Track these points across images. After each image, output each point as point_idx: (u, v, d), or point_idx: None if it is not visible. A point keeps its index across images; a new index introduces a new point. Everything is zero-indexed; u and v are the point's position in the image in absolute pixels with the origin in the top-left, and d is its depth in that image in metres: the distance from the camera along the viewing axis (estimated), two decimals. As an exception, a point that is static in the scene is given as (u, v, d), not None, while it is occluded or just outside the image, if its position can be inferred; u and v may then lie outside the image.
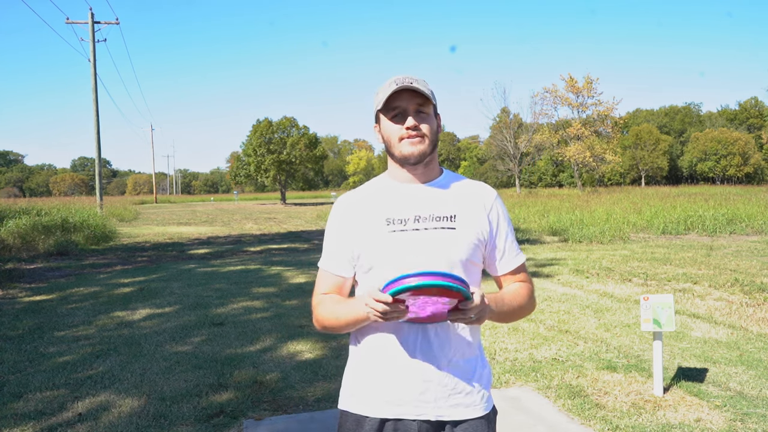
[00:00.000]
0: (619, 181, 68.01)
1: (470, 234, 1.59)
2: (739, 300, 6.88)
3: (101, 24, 25.33)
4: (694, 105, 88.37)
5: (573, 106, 51.48)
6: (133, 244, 15.79)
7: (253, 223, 25.25)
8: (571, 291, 7.74)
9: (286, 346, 5.33)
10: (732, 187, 50.36)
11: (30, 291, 8.50)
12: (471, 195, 1.65)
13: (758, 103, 78.53)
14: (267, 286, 8.53)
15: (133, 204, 43.58)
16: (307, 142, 49.66)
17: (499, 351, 5.07)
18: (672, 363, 4.60)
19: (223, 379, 4.46)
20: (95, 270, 10.67)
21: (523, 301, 1.65)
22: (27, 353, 5.24)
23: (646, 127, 71.93)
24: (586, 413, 3.71)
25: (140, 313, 6.81)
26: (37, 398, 4.13)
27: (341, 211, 1.67)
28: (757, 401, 3.83)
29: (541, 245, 13.49)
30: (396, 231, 1.57)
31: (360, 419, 1.59)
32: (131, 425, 3.65)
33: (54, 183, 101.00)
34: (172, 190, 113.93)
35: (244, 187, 63.69)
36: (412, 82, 1.54)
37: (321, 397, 4.07)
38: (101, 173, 24.91)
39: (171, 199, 73.26)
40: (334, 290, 1.68)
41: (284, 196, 51.72)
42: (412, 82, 1.54)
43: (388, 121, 1.59)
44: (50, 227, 14.86)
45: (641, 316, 4.01)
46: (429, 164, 1.62)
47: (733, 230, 15.09)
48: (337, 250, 1.66)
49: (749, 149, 66.53)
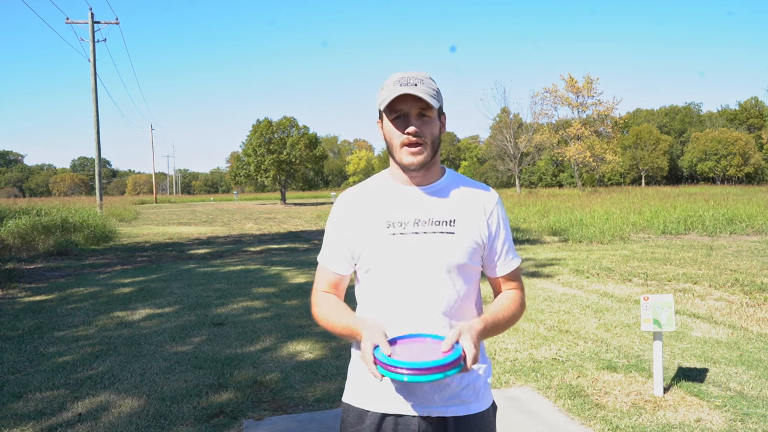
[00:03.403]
0: (619, 181, 68.03)
1: (469, 239, 1.60)
2: (739, 300, 6.88)
3: (101, 24, 25.34)
4: (694, 105, 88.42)
5: (573, 106, 51.53)
6: (133, 244, 15.79)
7: (253, 223, 25.25)
8: (571, 291, 7.74)
9: (286, 346, 5.33)
10: (732, 187, 50.39)
11: (30, 291, 8.50)
12: (471, 199, 1.65)
13: (758, 103, 78.50)
14: (267, 286, 8.54)
15: (133, 204, 43.60)
16: (307, 142, 49.63)
17: (499, 351, 5.07)
18: (672, 363, 4.60)
19: (223, 379, 4.46)
20: (95, 270, 10.67)
21: (515, 311, 1.66)
22: (27, 353, 5.24)
23: (646, 127, 71.93)
24: (586, 413, 3.71)
25: (140, 313, 6.81)
26: (37, 398, 4.13)
27: (344, 210, 1.68)
28: (757, 401, 3.83)
29: (541, 245, 13.49)
30: (396, 234, 1.58)
31: (361, 413, 1.62)
32: (131, 425, 3.65)
33: (54, 183, 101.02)
34: (172, 190, 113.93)
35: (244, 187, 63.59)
36: (416, 84, 1.52)
37: (321, 397, 4.07)
38: (101, 173, 24.91)
39: (171, 199, 73.25)
40: (331, 287, 1.71)
41: (284, 196, 51.70)
42: (416, 84, 1.52)
43: (389, 123, 1.59)
44: (50, 227, 14.86)
45: (641, 316, 4.00)
46: (430, 168, 1.63)
47: (733, 230, 15.09)
48: (337, 248, 1.68)
49: (749, 149, 66.51)
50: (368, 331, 1.47)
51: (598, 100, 51.10)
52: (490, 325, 1.55)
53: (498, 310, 1.63)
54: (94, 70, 24.63)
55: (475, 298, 1.66)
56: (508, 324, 1.65)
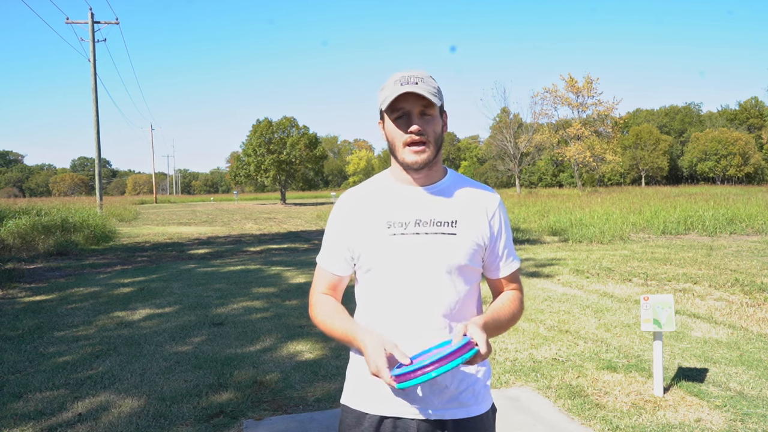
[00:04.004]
0: (619, 181, 68.02)
1: (471, 240, 1.59)
2: (739, 300, 6.88)
3: (101, 24, 25.35)
4: (694, 105, 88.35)
5: (573, 106, 51.52)
6: (133, 244, 15.79)
7: (253, 223, 25.25)
8: (571, 291, 7.74)
9: (286, 346, 5.33)
10: (732, 187, 50.35)
11: (30, 291, 8.50)
12: (473, 200, 1.64)
13: (758, 103, 78.47)
14: (267, 286, 8.54)
15: (133, 204, 43.60)
16: (307, 142, 49.64)
17: (499, 351, 5.07)
18: (672, 363, 4.60)
19: (223, 379, 4.46)
20: (95, 270, 10.67)
21: (515, 311, 1.66)
22: (27, 353, 5.24)
23: (646, 127, 71.92)
24: (586, 413, 3.71)
25: (140, 313, 6.81)
26: (37, 398, 4.13)
27: (345, 211, 1.66)
28: (757, 401, 3.83)
29: (541, 245, 13.49)
30: (396, 235, 1.57)
31: (360, 416, 1.61)
32: (131, 425, 3.65)
33: (54, 183, 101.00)
34: (172, 190, 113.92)
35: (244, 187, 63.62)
36: (417, 83, 1.51)
37: (321, 397, 4.07)
38: (101, 173, 24.92)
39: (171, 199, 73.24)
40: (330, 288, 1.70)
41: (284, 196, 51.70)
42: (417, 83, 1.51)
43: (391, 123, 1.57)
44: (50, 227, 14.86)
45: (641, 316, 4.00)
46: (432, 167, 1.61)
47: (733, 230, 15.09)
48: (336, 249, 1.67)
49: (749, 149, 66.49)
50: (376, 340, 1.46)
51: (598, 100, 51.11)
52: (491, 323, 1.54)
53: (499, 309, 1.63)
54: (94, 70, 24.63)
55: (475, 300, 1.65)
56: (509, 324, 1.65)
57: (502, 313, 1.62)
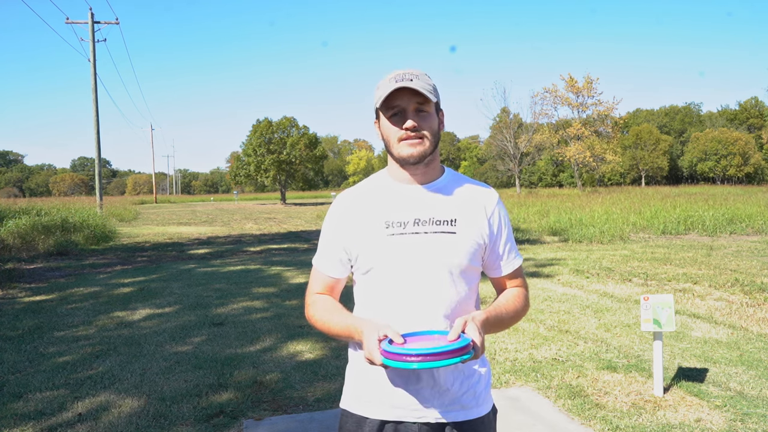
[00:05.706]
0: (619, 181, 68.01)
1: (470, 239, 1.57)
2: (739, 300, 6.88)
3: (101, 24, 25.34)
4: (694, 105, 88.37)
5: (573, 106, 51.53)
6: (133, 244, 15.78)
7: (253, 223, 25.24)
8: (571, 291, 7.74)
9: (286, 346, 5.33)
10: (732, 187, 50.37)
11: (30, 291, 8.49)
12: (472, 198, 1.62)
13: (758, 103, 78.47)
14: (267, 286, 8.54)
15: (133, 204, 43.59)
16: (307, 142, 49.62)
17: (499, 351, 5.07)
18: (672, 363, 4.60)
19: (223, 379, 4.45)
20: (95, 270, 10.67)
21: (519, 308, 1.65)
22: (27, 353, 5.24)
23: (646, 127, 71.91)
24: (586, 413, 3.70)
25: (140, 313, 6.81)
26: (37, 398, 4.13)
27: (340, 211, 1.64)
28: (757, 401, 3.83)
29: (541, 245, 13.49)
30: (395, 234, 1.55)
31: (360, 420, 1.59)
32: (131, 425, 3.65)
33: (54, 183, 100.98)
34: (172, 190, 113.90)
35: (244, 187, 63.56)
36: (412, 79, 1.49)
37: (321, 397, 4.07)
38: (101, 173, 24.91)
39: (171, 199, 73.21)
40: (326, 290, 1.68)
41: (284, 196, 51.69)
42: (412, 79, 1.49)
43: (386, 120, 1.56)
44: (50, 227, 14.86)
45: (641, 316, 4.00)
46: (430, 164, 1.59)
47: (733, 230, 15.09)
48: (332, 251, 1.65)
49: (749, 149, 66.49)
50: (372, 324, 1.45)
51: (598, 100, 51.13)
52: (492, 318, 1.53)
53: (501, 304, 1.61)
54: (94, 70, 24.63)
55: (474, 300, 1.64)
56: (512, 320, 1.63)
57: (504, 309, 1.60)
